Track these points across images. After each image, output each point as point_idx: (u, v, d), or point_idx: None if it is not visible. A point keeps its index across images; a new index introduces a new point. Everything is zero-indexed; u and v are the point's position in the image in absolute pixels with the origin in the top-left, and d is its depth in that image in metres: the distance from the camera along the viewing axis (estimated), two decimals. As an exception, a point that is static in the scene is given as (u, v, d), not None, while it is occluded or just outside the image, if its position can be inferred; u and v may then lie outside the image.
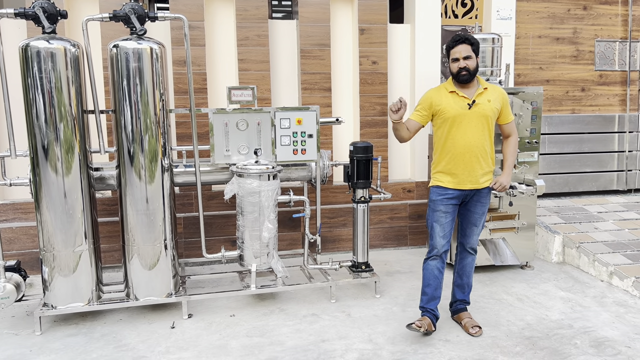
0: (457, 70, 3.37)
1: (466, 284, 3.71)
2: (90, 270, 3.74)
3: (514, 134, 3.60)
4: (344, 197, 5.35)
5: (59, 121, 3.50)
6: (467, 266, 3.67)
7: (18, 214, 4.79)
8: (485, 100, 3.40)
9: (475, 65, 3.37)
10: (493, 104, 3.41)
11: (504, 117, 3.53)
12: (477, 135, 3.39)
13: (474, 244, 3.63)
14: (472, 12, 5.83)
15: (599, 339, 3.49)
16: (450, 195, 3.47)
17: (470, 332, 3.55)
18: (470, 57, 3.35)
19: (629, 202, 6.00)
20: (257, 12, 5.01)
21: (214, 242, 5.03)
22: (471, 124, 3.38)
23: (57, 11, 3.52)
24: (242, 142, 4.03)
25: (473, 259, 3.67)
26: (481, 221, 3.58)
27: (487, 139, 3.43)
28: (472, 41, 3.37)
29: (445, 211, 3.48)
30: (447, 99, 3.43)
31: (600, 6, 6.15)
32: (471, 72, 3.35)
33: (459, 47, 3.35)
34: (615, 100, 6.35)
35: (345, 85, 5.49)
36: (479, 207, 3.53)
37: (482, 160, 3.43)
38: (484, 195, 3.52)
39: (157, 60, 3.66)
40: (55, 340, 3.54)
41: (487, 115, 3.39)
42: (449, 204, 3.48)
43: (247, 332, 3.63)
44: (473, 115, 3.37)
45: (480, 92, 3.41)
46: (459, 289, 3.74)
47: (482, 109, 3.38)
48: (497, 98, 3.44)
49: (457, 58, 3.35)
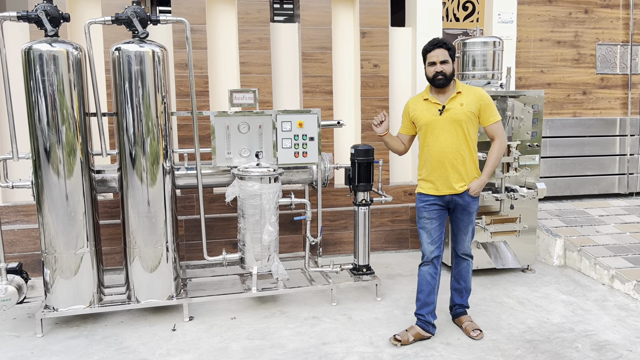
0: (433, 74, 3.35)
1: (464, 288, 3.69)
2: (91, 272, 3.75)
3: (498, 137, 3.46)
4: (345, 199, 5.35)
5: (61, 124, 3.51)
6: (463, 270, 3.65)
7: (20, 216, 4.80)
8: (457, 105, 3.35)
9: (451, 70, 3.34)
10: (467, 107, 3.34)
11: (485, 119, 3.43)
12: (450, 141, 3.34)
13: (466, 250, 3.60)
14: (473, 16, 5.84)
15: (600, 342, 3.48)
16: (431, 202, 3.45)
17: (471, 336, 3.54)
18: (446, 62, 3.32)
19: (631, 206, 6.00)
20: (259, 16, 5.03)
21: (215, 245, 5.03)
22: (443, 130, 3.35)
23: (60, 14, 3.54)
24: (243, 144, 4.04)
25: (468, 264, 3.64)
26: (468, 228, 3.53)
27: (464, 143, 3.37)
28: (449, 46, 3.35)
29: (430, 217, 3.45)
30: (421, 107, 3.44)
31: (601, 10, 6.16)
32: (447, 76, 3.33)
33: (436, 51, 3.33)
34: (616, 103, 6.35)
35: (347, 88, 5.50)
36: (465, 214, 3.49)
37: (458, 166, 3.37)
38: (467, 201, 3.45)
39: (159, 63, 3.67)
40: (56, 342, 3.54)
41: (459, 119, 3.33)
42: (432, 210, 3.45)
43: (248, 335, 3.63)
44: (445, 121, 3.34)
45: (452, 97, 3.36)
46: (457, 293, 3.72)
47: (454, 113, 3.33)
48: (472, 101, 3.37)
49: (434, 62, 3.33)
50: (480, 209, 4.68)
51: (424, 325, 3.54)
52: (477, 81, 4.74)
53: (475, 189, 3.42)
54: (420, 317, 3.55)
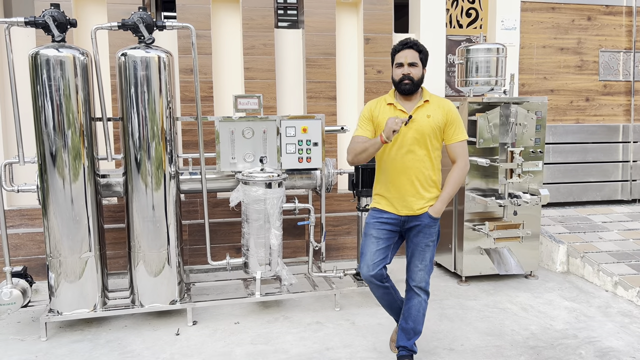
0: (399, 77, 2.96)
1: (411, 329, 3.12)
2: (96, 276, 3.76)
3: (460, 159, 3.02)
4: (348, 205, 5.36)
5: (67, 128, 3.54)
6: (413, 309, 3.10)
7: (25, 220, 4.82)
8: (423, 116, 2.96)
9: (420, 75, 2.97)
10: (433, 120, 2.96)
11: (449, 136, 3.01)
12: (412, 155, 2.96)
13: (420, 282, 3.06)
14: (477, 22, 5.87)
15: (604, 349, 3.48)
16: (385, 220, 3.06)
17: None
18: (415, 65, 2.94)
19: (634, 212, 5.99)
20: (263, 22, 5.06)
21: (219, 250, 5.04)
22: (407, 143, 2.95)
23: (67, 20, 3.57)
24: (247, 150, 4.06)
25: (420, 302, 3.09)
26: (425, 255, 3.05)
27: (427, 159, 2.99)
28: (421, 48, 2.99)
29: (378, 237, 3.04)
30: (384, 112, 3.02)
31: (604, 17, 6.18)
32: (415, 82, 2.95)
33: (405, 51, 2.96)
34: (619, 110, 6.36)
35: (351, 94, 5.53)
36: (421, 237, 3.03)
37: (418, 184, 2.99)
38: (425, 224, 3.02)
39: (165, 68, 3.70)
40: (60, 346, 3.56)
41: (424, 133, 2.94)
42: (383, 229, 3.05)
43: (252, 340, 3.64)
44: (409, 132, 2.94)
45: (419, 106, 2.99)
46: (404, 334, 3.15)
47: (419, 125, 2.94)
48: (439, 113, 2.98)
49: (402, 63, 2.95)
50: (483, 215, 4.69)
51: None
52: (481, 87, 4.76)
53: (433, 214, 3.02)
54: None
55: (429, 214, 3.02)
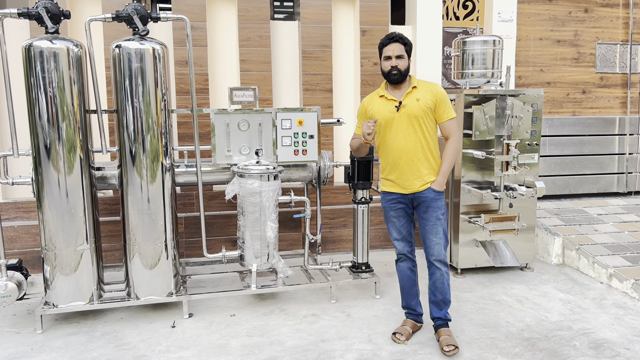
0: (388, 69, 3.28)
1: (441, 301, 3.45)
2: (91, 269, 3.76)
3: (453, 135, 3.34)
4: (344, 197, 5.36)
5: (61, 121, 3.52)
6: (438, 282, 3.40)
7: (20, 212, 4.81)
8: (413, 100, 3.28)
9: (406, 66, 3.29)
10: (422, 102, 3.26)
11: (440, 115, 3.32)
12: (409, 137, 3.27)
13: (438, 255, 3.36)
14: (474, 14, 5.85)
15: (598, 340, 3.50)
16: (396, 200, 3.41)
17: (444, 350, 3.28)
18: (402, 57, 3.27)
19: (629, 205, 6.01)
20: (259, 13, 5.03)
21: (214, 242, 5.04)
22: (402, 127, 3.27)
23: (60, 11, 3.54)
24: (243, 142, 4.05)
25: (443, 274, 3.39)
26: (438, 228, 3.33)
27: (423, 140, 3.28)
28: (406, 41, 3.31)
29: (396, 216, 3.43)
30: (377, 104, 3.37)
31: (601, 9, 6.16)
32: (402, 72, 3.27)
33: (392, 45, 3.28)
34: (615, 102, 6.36)
35: (347, 86, 5.51)
36: (431, 212, 3.32)
37: (418, 163, 3.29)
38: (431, 198, 3.31)
39: (159, 60, 3.68)
40: (56, 338, 3.56)
41: (416, 115, 3.25)
42: (398, 208, 3.42)
43: (248, 332, 3.64)
44: (402, 118, 3.27)
45: (408, 92, 3.30)
46: (435, 306, 3.48)
47: (411, 109, 3.26)
48: (428, 95, 3.29)
49: (390, 56, 3.27)
50: (479, 207, 4.70)
51: (415, 317, 3.60)
52: (477, 80, 4.75)
53: (435, 188, 3.31)
54: (410, 311, 3.61)
55: (432, 188, 3.31)
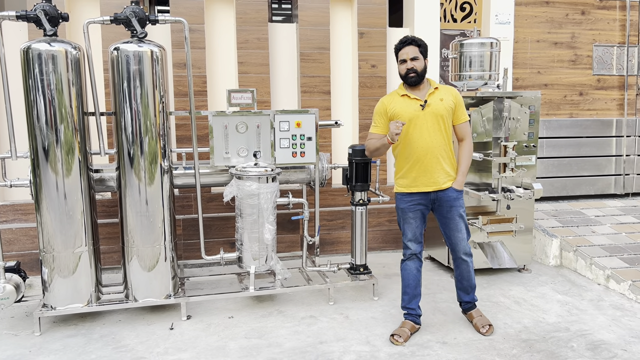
0: (405, 71, 3.37)
1: (468, 286, 3.69)
2: (89, 271, 3.76)
3: (467, 137, 3.52)
4: (342, 199, 5.37)
5: (59, 123, 3.52)
6: (464, 271, 3.64)
7: (18, 215, 4.80)
8: (437, 100, 3.38)
9: (422, 67, 3.37)
10: (446, 102, 3.39)
11: (457, 117, 3.48)
12: (434, 135, 3.37)
13: (465, 249, 3.56)
14: (471, 17, 5.87)
15: (596, 342, 3.50)
16: (416, 201, 3.47)
17: (480, 332, 3.57)
18: (417, 59, 3.35)
19: (627, 206, 6.03)
20: (257, 16, 5.04)
21: (213, 244, 5.04)
22: (427, 125, 3.36)
23: (59, 14, 3.55)
24: (241, 144, 4.05)
25: (468, 264, 3.61)
26: (461, 224, 3.51)
27: (445, 138, 3.41)
28: (419, 43, 3.39)
29: (414, 217, 3.49)
30: (400, 103, 3.42)
31: (598, 11, 6.19)
32: (419, 73, 3.35)
33: (406, 48, 3.37)
34: (613, 104, 6.38)
35: (345, 88, 5.52)
36: (454, 211, 3.48)
37: (442, 161, 3.41)
38: (453, 197, 3.46)
39: (158, 62, 3.68)
40: (54, 341, 3.56)
41: (441, 114, 3.37)
42: (417, 210, 3.49)
43: (246, 334, 3.65)
44: (427, 116, 3.36)
45: (431, 92, 3.40)
46: (463, 292, 3.73)
47: (436, 108, 3.37)
48: (449, 97, 3.42)
49: (405, 59, 3.36)
50: (476, 209, 4.71)
51: (414, 318, 3.62)
52: (474, 82, 4.76)
53: (458, 185, 3.47)
54: (410, 311, 3.63)
55: (454, 188, 3.45)
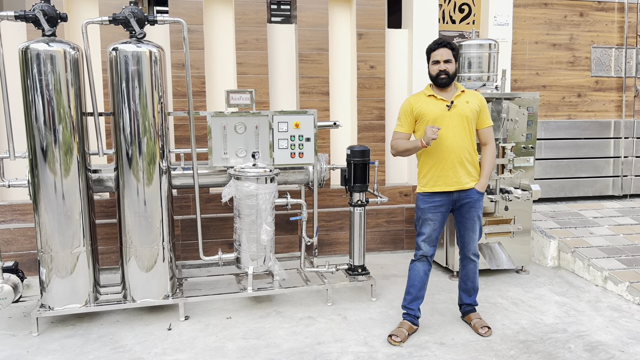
0: (436, 72, 3.43)
1: (471, 288, 3.75)
2: (87, 271, 3.75)
3: (491, 141, 3.60)
4: (341, 200, 5.37)
5: (57, 123, 3.52)
6: (470, 272, 3.70)
7: (16, 215, 4.80)
8: (463, 102, 3.45)
9: (454, 70, 3.44)
10: (471, 105, 3.46)
11: (482, 121, 3.55)
12: (459, 136, 3.43)
13: (475, 250, 3.65)
14: (470, 18, 5.88)
15: (593, 343, 3.51)
16: (438, 203, 3.51)
17: (479, 332, 3.61)
18: (450, 61, 3.42)
19: (624, 208, 6.04)
20: (256, 16, 5.04)
21: (211, 245, 5.04)
22: (452, 125, 3.42)
23: (57, 14, 3.55)
24: (240, 145, 4.05)
25: (475, 265, 3.69)
26: (477, 225, 3.59)
27: (470, 140, 3.47)
28: (454, 46, 3.46)
29: (433, 219, 3.52)
30: (426, 103, 3.49)
31: (596, 13, 6.20)
32: (450, 75, 3.42)
33: (441, 50, 3.43)
34: (611, 106, 6.39)
35: (343, 89, 5.53)
36: (473, 211, 3.55)
37: (466, 162, 3.47)
38: (475, 199, 3.53)
39: (156, 63, 3.68)
40: (52, 341, 3.55)
41: (466, 115, 3.43)
42: (437, 212, 3.52)
43: (244, 335, 3.65)
44: (453, 116, 3.42)
45: (458, 95, 3.47)
46: (465, 293, 3.78)
47: (462, 109, 3.43)
48: (475, 101, 3.50)
49: (438, 60, 3.42)
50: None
51: (413, 319, 3.64)
52: (473, 83, 4.77)
53: (479, 190, 3.53)
54: (409, 312, 3.65)
55: (476, 190, 3.51)
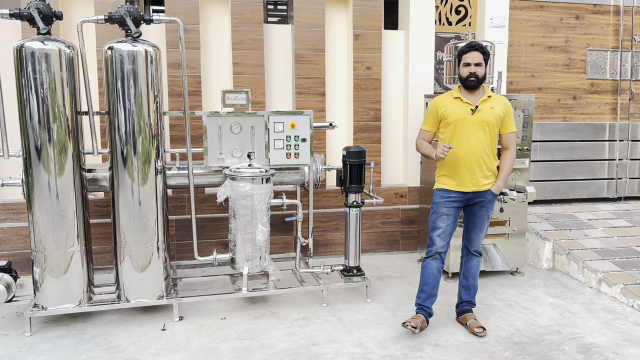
0: (466, 74, 3.50)
1: (472, 286, 3.79)
2: (81, 271, 3.73)
3: (512, 147, 3.67)
4: (336, 201, 5.37)
5: (52, 122, 3.50)
6: (472, 268, 3.76)
7: (10, 214, 4.77)
8: (488, 107, 3.52)
9: (483, 74, 3.51)
10: (496, 111, 3.52)
11: (505, 127, 3.62)
12: (479, 139, 3.50)
13: (478, 247, 3.73)
14: (466, 20, 5.88)
15: (587, 345, 3.52)
16: (453, 199, 3.59)
17: (475, 332, 3.63)
18: (480, 65, 3.49)
19: (619, 210, 6.06)
20: (253, 16, 5.03)
21: (206, 245, 5.03)
22: (473, 129, 3.50)
23: (52, 12, 3.53)
24: (235, 145, 4.05)
25: (478, 261, 3.76)
26: (485, 225, 3.68)
27: (489, 144, 3.54)
28: (485, 50, 3.53)
29: (448, 214, 3.59)
30: (452, 104, 3.57)
31: (592, 16, 6.22)
32: (479, 79, 3.49)
33: (472, 53, 3.49)
34: (606, 108, 6.41)
35: (339, 90, 5.52)
36: (484, 211, 3.63)
37: (483, 165, 3.54)
38: (489, 199, 3.60)
39: (152, 62, 3.67)
40: (45, 341, 3.53)
41: (489, 121, 3.50)
42: (452, 207, 3.60)
43: (238, 335, 3.64)
44: (475, 121, 3.49)
45: (484, 100, 3.53)
46: (465, 290, 3.81)
47: (485, 115, 3.50)
48: (500, 107, 3.56)
49: (469, 63, 3.49)
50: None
51: (427, 314, 3.70)
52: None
53: (495, 191, 3.61)
54: (425, 309, 3.69)
55: (492, 191, 3.59)
